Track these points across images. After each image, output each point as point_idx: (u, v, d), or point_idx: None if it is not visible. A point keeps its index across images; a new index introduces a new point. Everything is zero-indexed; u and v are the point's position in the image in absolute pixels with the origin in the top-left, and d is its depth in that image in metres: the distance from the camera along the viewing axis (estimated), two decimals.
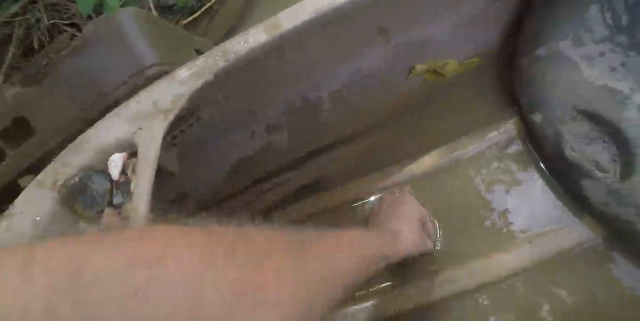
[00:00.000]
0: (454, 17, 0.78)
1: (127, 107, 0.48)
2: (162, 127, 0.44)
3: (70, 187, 0.42)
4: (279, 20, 0.54)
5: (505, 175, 0.62)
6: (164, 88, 0.49)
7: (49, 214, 0.42)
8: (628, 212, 0.48)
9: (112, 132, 0.47)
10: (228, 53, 0.51)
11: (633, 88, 0.57)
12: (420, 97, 0.77)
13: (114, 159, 0.44)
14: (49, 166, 0.46)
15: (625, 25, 0.65)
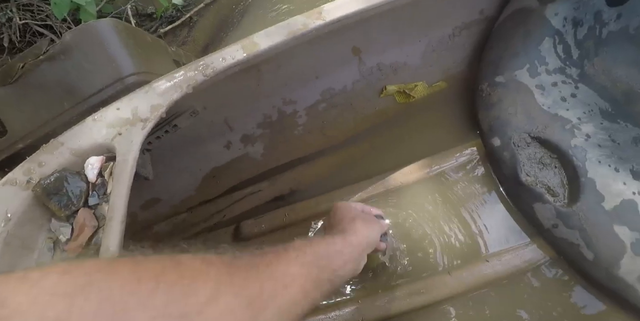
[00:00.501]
0: (424, 42, 0.84)
1: (106, 113, 0.51)
2: (141, 135, 0.46)
3: (45, 186, 0.43)
4: (255, 40, 0.58)
5: (468, 195, 0.67)
6: (143, 97, 0.52)
7: (21, 211, 0.43)
8: (574, 235, 0.54)
9: (89, 136, 0.49)
10: (207, 68, 0.55)
11: (581, 118, 0.64)
12: (391, 117, 0.83)
13: (90, 162, 0.46)
14: (22, 165, 0.47)
15: (575, 58, 0.73)
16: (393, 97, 0.84)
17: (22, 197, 0.45)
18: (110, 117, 0.51)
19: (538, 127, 0.65)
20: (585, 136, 0.63)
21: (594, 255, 0.54)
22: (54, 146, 0.49)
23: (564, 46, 0.73)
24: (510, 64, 0.73)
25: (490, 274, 0.58)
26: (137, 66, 0.60)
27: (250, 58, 0.57)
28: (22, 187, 0.45)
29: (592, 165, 0.59)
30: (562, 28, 0.72)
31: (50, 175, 0.45)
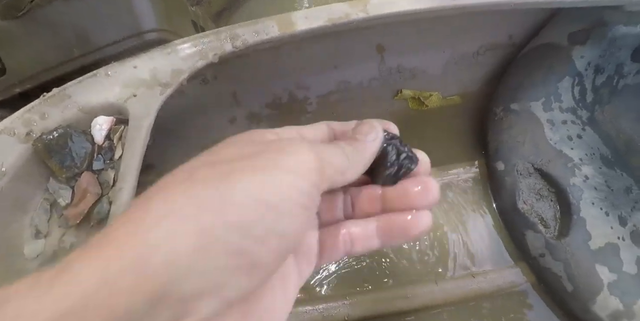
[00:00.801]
0: (448, 54, 0.84)
1: (121, 69, 0.47)
2: (158, 100, 0.44)
3: (47, 142, 0.40)
4: (293, 19, 0.55)
5: (462, 211, 0.69)
6: (164, 59, 0.48)
7: (17, 166, 0.40)
8: (558, 267, 0.57)
9: (100, 93, 0.45)
10: (237, 39, 0.52)
11: (583, 159, 0.66)
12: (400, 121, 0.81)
13: (99, 121, 0.42)
14: (21, 114, 0.43)
15: (588, 102, 0.75)
16: (406, 102, 0.84)
17: (20, 151, 0.41)
18: (125, 75, 0.47)
19: (542, 160, 0.67)
20: (584, 177, 0.65)
21: (573, 288, 0.57)
22: (60, 98, 0.45)
23: (581, 88, 0.75)
24: (528, 94, 0.75)
25: (474, 289, 0.61)
26: (159, 22, 0.55)
27: (284, 37, 0.54)
28: (20, 139, 0.41)
29: (586, 205, 0.62)
30: (584, 71, 0.74)
31: (53, 130, 0.42)
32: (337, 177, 0.24)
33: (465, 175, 0.74)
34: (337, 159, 0.24)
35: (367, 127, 0.28)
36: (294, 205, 0.20)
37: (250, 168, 0.20)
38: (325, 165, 0.23)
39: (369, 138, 0.27)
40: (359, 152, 0.26)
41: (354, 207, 0.29)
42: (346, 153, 0.25)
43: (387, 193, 0.28)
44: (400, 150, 0.28)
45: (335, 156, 0.24)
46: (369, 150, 0.27)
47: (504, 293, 0.61)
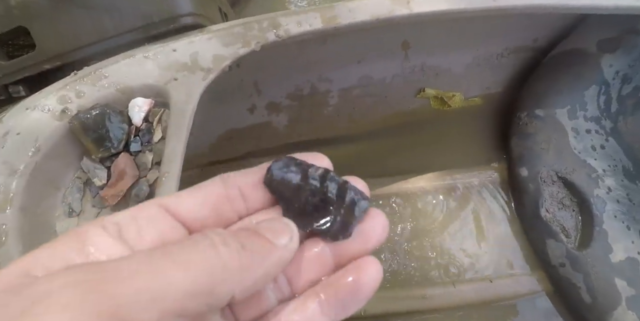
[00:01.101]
0: (472, 55, 0.84)
1: (160, 52, 0.46)
2: (201, 86, 0.43)
3: (84, 120, 0.39)
4: (336, 13, 0.54)
5: (482, 215, 0.69)
6: (205, 44, 0.47)
7: (51, 143, 0.39)
8: (577, 278, 0.57)
9: (139, 74, 0.44)
10: (280, 28, 0.50)
11: (606, 171, 0.66)
12: (420, 120, 0.82)
13: (138, 103, 0.41)
14: (56, 91, 0.42)
15: (612, 112, 0.75)
16: (428, 100, 0.83)
17: (54, 127, 0.40)
18: (164, 57, 0.46)
19: (567, 169, 0.67)
20: (607, 189, 0.66)
21: (591, 300, 0.58)
22: (97, 77, 0.43)
23: (607, 98, 0.75)
24: (553, 101, 0.75)
25: (490, 294, 0.62)
26: (195, 6, 0.54)
27: (326, 30, 0.53)
28: (55, 116, 0.40)
29: (609, 217, 0.62)
30: (611, 80, 0.74)
31: (90, 109, 0.40)
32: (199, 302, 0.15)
33: (485, 178, 0.74)
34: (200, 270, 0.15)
35: (278, 224, 0.19)
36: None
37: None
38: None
39: (281, 242, 0.18)
40: (260, 258, 0.17)
41: (290, 281, 0.21)
42: (229, 258, 0.16)
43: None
44: (343, 189, 0.21)
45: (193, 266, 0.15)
46: (277, 259, 0.18)
47: (521, 300, 0.62)
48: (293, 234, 0.19)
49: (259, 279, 0.17)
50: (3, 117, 0.41)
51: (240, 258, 0.16)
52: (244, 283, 0.17)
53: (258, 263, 0.17)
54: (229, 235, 0.17)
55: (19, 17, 0.48)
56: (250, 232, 0.18)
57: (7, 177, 0.38)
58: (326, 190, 0.20)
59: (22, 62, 0.48)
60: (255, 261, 0.17)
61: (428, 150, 0.81)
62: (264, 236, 0.18)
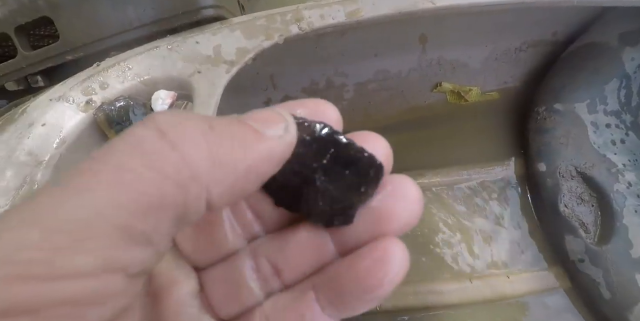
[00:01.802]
0: (489, 48, 0.82)
1: (183, 44, 0.46)
2: (224, 78, 0.42)
3: (108, 113, 0.38)
4: (360, 6, 0.53)
5: (498, 210, 0.68)
6: (228, 36, 0.47)
7: (76, 134, 0.38)
8: (597, 273, 0.56)
9: (162, 66, 0.44)
10: (302, 21, 0.50)
11: (626, 165, 0.65)
12: (437, 114, 0.81)
13: (161, 95, 0.41)
14: (80, 82, 0.42)
15: (633, 106, 0.74)
16: (445, 95, 0.82)
17: (79, 119, 0.39)
18: (187, 49, 0.46)
19: (586, 164, 0.66)
20: (628, 184, 0.65)
21: (611, 296, 0.57)
22: (120, 69, 0.43)
23: (627, 91, 0.74)
24: (572, 95, 0.73)
25: (507, 290, 0.61)
26: None
27: (349, 23, 0.52)
28: (80, 107, 0.40)
29: (629, 213, 0.61)
30: (632, 73, 0.73)
31: (114, 101, 0.40)
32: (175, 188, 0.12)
33: (502, 173, 0.73)
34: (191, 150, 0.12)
35: (270, 114, 0.15)
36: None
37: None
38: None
39: (271, 132, 0.14)
40: (240, 147, 0.13)
41: (279, 271, 0.17)
42: (212, 139, 0.13)
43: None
44: (352, 155, 0.15)
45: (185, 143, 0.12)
46: (265, 151, 0.14)
47: (539, 296, 0.61)
48: (288, 123, 0.15)
49: (240, 178, 0.13)
50: (27, 107, 0.41)
51: (208, 145, 0.12)
52: (221, 182, 0.12)
53: (238, 153, 0.13)
54: (220, 122, 0.13)
55: (44, 7, 0.48)
56: (227, 120, 0.14)
57: (32, 168, 0.38)
58: (324, 157, 0.15)
59: (45, 52, 0.48)
60: (235, 151, 0.13)
61: (444, 144, 0.80)
62: (247, 124, 0.14)
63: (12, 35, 0.49)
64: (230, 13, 0.60)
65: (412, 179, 0.17)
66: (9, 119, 0.41)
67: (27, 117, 0.39)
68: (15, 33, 0.49)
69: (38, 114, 0.39)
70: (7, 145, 0.38)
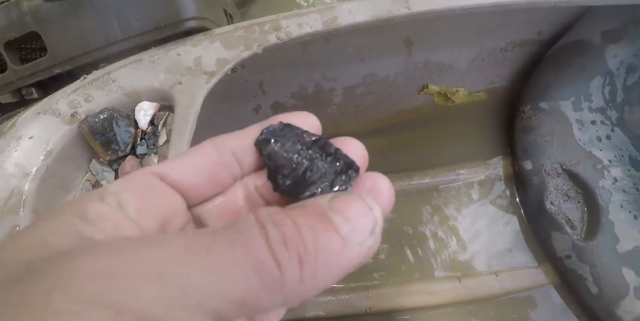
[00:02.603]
0: (475, 50, 0.83)
1: (165, 56, 0.47)
2: (204, 89, 0.43)
3: (93, 125, 0.40)
4: (336, 13, 0.55)
5: (483, 208, 0.69)
6: (208, 47, 0.48)
7: (61, 146, 0.40)
8: (584, 269, 0.57)
9: (145, 78, 0.45)
10: (281, 31, 0.51)
11: (612, 161, 0.66)
12: (424, 116, 0.82)
13: (143, 107, 0.42)
14: (66, 95, 0.43)
15: (618, 102, 0.75)
16: (432, 97, 0.83)
17: (65, 131, 0.41)
18: (169, 61, 0.47)
19: (571, 161, 0.67)
20: (613, 179, 0.65)
21: (598, 290, 0.57)
22: (104, 81, 0.44)
23: (612, 88, 0.74)
24: (557, 93, 0.74)
25: (497, 288, 0.62)
26: (198, 10, 0.55)
27: (327, 31, 0.54)
28: (65, 120, 0.41)
29: (615, 208, 0.62)
30: (615, 70, 0.73)
31: (99, 113, 0.42)
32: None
33: (490, 172, 0.74)
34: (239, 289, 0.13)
35: (358, 206, 0.15)
36: None
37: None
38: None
39: (357, 238, 0.14)
40: (325, 265, 0.13)
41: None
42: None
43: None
44: (334, 157, 0.19)
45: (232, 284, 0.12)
46: (345, 262, 0.14)
47: (528, 293, 0.62)
48: (377, 221, 0.14)
49: (316, 290, 0.13)
50: (17, 121, 0.42)
51: (302, 271, 0.13)
52: (302, 295, 0.13)
53: (322, 272, 0.13)
54: (288, 229, 0.13)
55: (31, 22, 0.49)
56: (313, 215, 0.14)
57: (20, 180, 0.39)
58: (317, 159, 0.19)
59: (34, 66, 0.50)
60: (319, 272, 0.13)
61: (433, 146, 0.81)
62: (332, 223, 0.14)
63: (2, 50, 0.50)
64: (215, 24, 0.62)
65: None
66: None
67: (16, 131, 0.41)
68: (4, 48, 0.50)
69: (26, 127, 0.41)
70: None
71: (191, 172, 0.18)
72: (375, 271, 0.63)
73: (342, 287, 0.62)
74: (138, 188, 0.17)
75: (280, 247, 0.13)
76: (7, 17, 0.52)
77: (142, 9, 0.52)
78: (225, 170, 0.19)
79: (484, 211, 0.69)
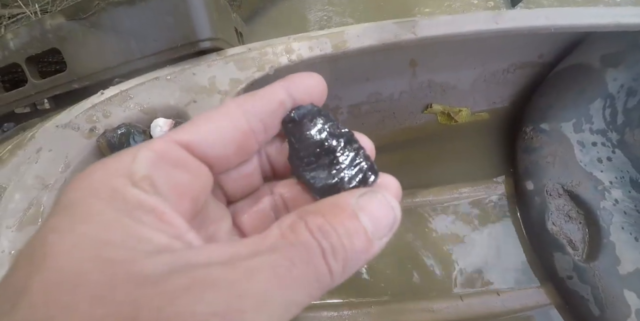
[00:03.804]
0: (478, 71, 0.86)
1: (181, 75, 0.49)
2: None
3: (110, 139, 0.41)
4: (345, 38, 0.57)
5: (486, 227, 0.69)
6: (222, 68, 0.51)
7: (79, 160, 0.42)
8: (585, 290, 0.57)
9: (161, 95, 0.47)
10: (293, 53, 0.54)
11: (613, 183, 0.67)
12: (428, 135, 0.84)
13: (159, 123, 0.44)
14: (84, 110, 0.45)
15: (619, 124, 0.76)
16: (435, 116, 0.85)
17: (83, 145, 0.43)
18: (185, 80, 0.49)
19: (572, 182, 0.68)
20: (614, 201, 0.66)
21: (600, 312, 0.58)
22: (123, 98, 0.47)
23: (612, 110, 0.76)
24: (558, 115, 0.76)
25: (498, 307, 0.62)
26: (213, 31, 0.58)
27: (336, 54, 0.56)
28: (83, 134, 0.43)
29: (616, 229, 0.63)
30: (616, 93, 0.75)
31: (116, 128, 0.43)
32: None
33: (492, 192, 0.75)
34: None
35: (386, 210, 0.17)
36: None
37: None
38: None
39: (383, 239, 0.16)
40: (353, 265, 0.16)
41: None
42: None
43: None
44: (357, 155, 0.19)
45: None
46: (371, 256, 0.16)
47: (529, 313, 0.62)
48: (396, 220, 0.17)
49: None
50: (35, 133, 0.44)
51: (342, 276, 0.15)
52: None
53: (352, 270, 0.16)
54: (335, 241, 0.15)
55: (53, 39, 0.52)
56: (347, 218, 0.16)
57: (39, 191, 0.41)
58: (341, 151, 0.19)
59: (53, 81, 0.52)
60: (351, 270, 0.16)
61: (436, 164, 0.82)
62: (361, 224, 0.16)
63: (23, 65, 0.53)
64: (228, 43, 0.64)
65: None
66: (18, 144, 0.44)
67: (36, 143, 0.43)
68: (26, 63, 0.53)
69: (45, 140, 0.43)
70: (17, 169, 0.41)
71: (220, 143, 0.17)
72: (378, 288, 0.64)
73: (344, 303, 0.63)
74: (169, 167, 0.16)
75: (332, 260, 0.15)
76: (29, 34, 0.54)
77: (160, 29, 0.55)
78: (253, 138, 0.18)
79: (487, 230, 0.70)
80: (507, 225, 0.71)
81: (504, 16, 0.61)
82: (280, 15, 1.14)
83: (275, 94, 0.19)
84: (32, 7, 1.02)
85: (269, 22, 1.14)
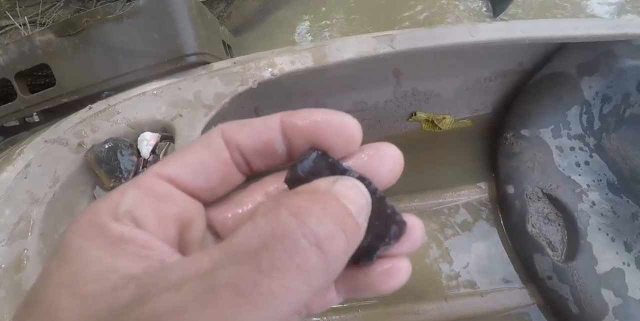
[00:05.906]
0: (461, 79, 0.88)
1: (167, 90, 0.50)
2: (203, 122, 0.46)
3: (98, 153, 0.42)
4: (326, 52, 0.59)
5: (472, 232, 0.71)
6: (207, 82, 0.52)
7: (68, 174, 0.43)
8: (565, 289, 0.59)
9: (148, 110, 0.48)
10: (275, 67, 0.55)
11: (590, 186, 0.69)
12: (413, 142, 0.85)
13: (146, 137, 0.45)
14: (73, 125, 0.46)
15: (595, 129, 0.78)
16: (420, 123, 0.87)
17: (72, 160, 0.44)
18: (171, 94, 0.50)
19: (551, 185, 0.70)
20: (591, 203, 0.68)
21: (579, 311, 0.59)
22: (110, 113, 0.47)
23: (589, 116, 0.78)
24: (538, 121, 0.78)
25: (482, 308, 0.64)
26: (199, 46, 0.59)
27: (316, 68, 0.57)
28: (72, 149, 0.44)
29: (593, 230, 0.64)
30: (591, 100, 0.77)
31: (104, 143, 0.44)
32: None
33: (475, 196, 0.76)
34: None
35: (360, 197, 0.16)
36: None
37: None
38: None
39: (363, 222, 0.16)
40: (339, 259, 0.15)
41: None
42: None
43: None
44: (383, 209, 0.17)
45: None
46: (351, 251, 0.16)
47: (512, 313, 0.63)
48: (368, 204, 0.16)
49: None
50: (24, 148, 0.45)
51: (327, 277, 0.15)
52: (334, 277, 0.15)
53: (343, 261, 0.15)
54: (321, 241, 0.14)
55: (42, 55, 0.53)
56: (335, 212, 0.15)
57: (29, 206, 0.41)
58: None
59: (43, 96, 0.53)
60: (342, 260, 0.15)
61: (421, 170, 0.84)
62: (355, 219, 0.15)
63: (12, 80, 0.54)
64: (215, 57, 0.65)
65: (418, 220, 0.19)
66: (7, 159, 0.45)
67: (24, 158, 0.43)
68: (15, 78, 0.54)
69: (34, 155, 0.43)
70: (5, 184, 0.42)
71: (202, 176, 0.17)
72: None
73: (331, 308, 0.64)
74: (154, 200, 0.16)
75: (328, 245, 0.14)
76: (19, 50, 0.55)
77: (147, 45, 0.56)
78: (237, 168, 0.18)
79: (471, 234, 0.72)
80: (490, 228, 0.72)
81: (479, 29, 0.63)
82: (269, 27, 1.16)
83: (271, 121, 0.18)
84: (21, 19, 1.03)
85: (258, 33, 1.16)
